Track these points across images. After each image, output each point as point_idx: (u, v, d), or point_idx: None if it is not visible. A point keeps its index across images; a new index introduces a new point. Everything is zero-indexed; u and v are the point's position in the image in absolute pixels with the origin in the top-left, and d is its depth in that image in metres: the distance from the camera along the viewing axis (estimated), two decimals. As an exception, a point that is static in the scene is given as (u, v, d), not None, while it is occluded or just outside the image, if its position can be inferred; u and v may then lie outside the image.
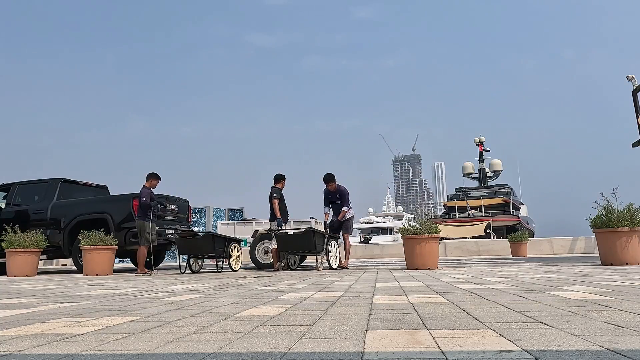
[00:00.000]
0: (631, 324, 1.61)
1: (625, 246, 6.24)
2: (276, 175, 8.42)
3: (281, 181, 8.38)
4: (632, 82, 13.39)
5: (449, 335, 1.50)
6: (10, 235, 7.93)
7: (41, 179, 9.84)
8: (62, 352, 1.40)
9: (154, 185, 8.23)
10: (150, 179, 8.23)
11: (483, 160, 48.07)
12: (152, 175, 8.29)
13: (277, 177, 8.40)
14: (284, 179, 8.45)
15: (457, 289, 3.15)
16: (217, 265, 7.95)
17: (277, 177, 8.40)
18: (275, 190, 8.21)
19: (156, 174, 8.35)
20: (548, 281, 3.67)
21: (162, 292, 3.69)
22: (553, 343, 1.33)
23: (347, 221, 8.33)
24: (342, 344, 1.40)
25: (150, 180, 8.22)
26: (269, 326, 1.77)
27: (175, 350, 1.38)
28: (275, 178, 8.39)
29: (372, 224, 72.43)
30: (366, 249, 18.84)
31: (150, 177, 8.25)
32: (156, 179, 8.30)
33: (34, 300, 3.22)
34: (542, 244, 16.98)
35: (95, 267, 7.52)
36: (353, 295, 2.95)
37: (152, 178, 8.26)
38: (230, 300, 2.86)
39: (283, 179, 8.42)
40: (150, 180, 8.22)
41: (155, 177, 8.30)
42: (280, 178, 8.40)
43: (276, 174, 8.44)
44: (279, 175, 8.43)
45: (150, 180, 8.22)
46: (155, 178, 8.29)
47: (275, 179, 8.39)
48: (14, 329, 1.86)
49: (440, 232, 7.02)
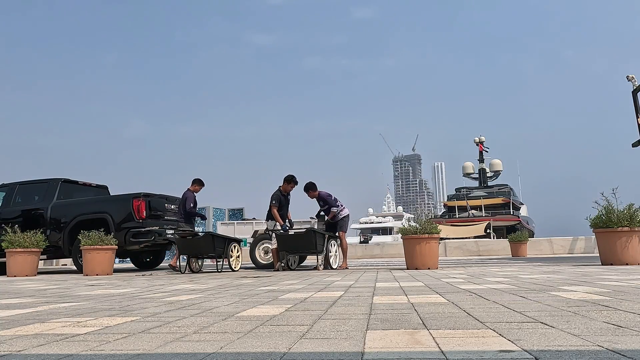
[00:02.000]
0: (631, 324, 1.61)
1: (625, 246, 6.24)
2: (286, 177, 8.00)
3: (287, 184, 7.96)
4: (632, 82, 13.40)
5: (449, 335, 1.50)
6: (10, 235, 7.94)
7: (41, 179, 9.83)
8: (62, 352, 1.40)
9: (197, 191, 8.45)
10: (194, 184, 8.49)
11: (483, 160, 48.08)
12: (197, 180, 8.58)
13: (285, 178, 7.98)
14: (291, 183, 7.98)
15: (457, 289, 3.15)
16: (217, 265, 7.95)
17: (285, 178, 7.99)
18: (275, 196, 7.85)
19: (200, 180, 8.63)
20: (548, 281, 3.67)
21: (162, 292, 3.69)
22: (553, 343, 1.33)
23: (341, 220, 8.27)
24: (342, 344, 1.40)
25: (195, 185, 8.48)
26: (269, 326, 1.77)
27: (175, 350, 1.38)
28: (284, 179, 7.97)
29: (372, 224, 72.46)
30: (366, 249, 18.84)
31: (195, 183, 8.54)
32: (200, 185, 8.56)
33: (34, 300, 3.22)
34: (542, 244, 16.98)
35: (95, 267, 7.52)
36: (353, 295, 2.95)
37: (197, 184, 8.54)
38: (230, 300, 2.86)
39: (289, 182, 7.96)
40: (194, 185, 8.48)
41: (199, 183, 8.59)
42: (287, 181, 7.95)
43: (287, 175, 8.01)
44: (288, 177, 7.98)
45: (195, 185, 8.48)
46: (199, 184, 8.58)
47: (284, 179, 7.98)
48: (14, 329, 1.86)
49: (440, 232, 7.01)
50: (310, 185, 8.05)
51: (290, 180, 7.98)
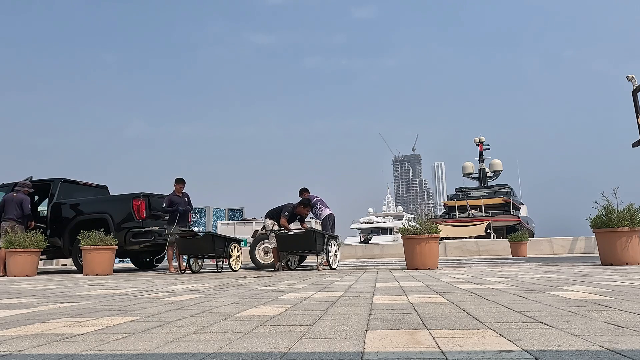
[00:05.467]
0: (631, 324, 1.61)
1: (625, 246, 6.24)
2: (303, 201, 8.18)
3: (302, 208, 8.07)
4: (632, 82, 13.39)
5: (449, 335, 1.50)
6: (10, 235, 7.93)
7: (41, 179, 9.83)
8: (62, 352, 1.40)
9: (178, 190, 8.53)
10: (175, 184, 8.62)
11: (483, 160, 48.12)
12: (175, 180, 8.64)
13: (303, 202, 8.13)
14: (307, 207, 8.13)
15: (457, 289, 3.15)
16: (217, 265, 7.95)
17: (302, 202, 8.14)
18: (289, 209, 7.95)
19: (177, 178, 8.69)
20: (548, 281, 3.67)
21: (162, 292, 3.69)
22: (553, 343, 1.33)
23: (323, 221, 8.47)
24: (342, 344, 1.40)
25: (175, 185, 8.61)
26: (269, 326, 1.77)
27: (175, 350, 1.39)
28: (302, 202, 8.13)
29: (372, 224, 72.39)
30: (366, 249, 18.84)
31: (175, 182, 8.63)
32: (177, 183, 8.62)
33: (34, 300, 3.22)
34: (542, 244, 16.98)
35: (95, 267, 7.52)
36: (353, 295, 2.95)
37: (175, 183, 8.62)
38: (230, 300, 2.86)
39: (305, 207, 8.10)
40: (175, 185, 8.61)
41: (176, 182, 8.64)
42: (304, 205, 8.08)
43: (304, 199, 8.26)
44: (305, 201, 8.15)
45: (175, 185, 8.61)
46: (176, 182, 8.64)
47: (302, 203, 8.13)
48: (14, 329, 1.86)
49: (440, 232, 7.01)
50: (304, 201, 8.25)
51: (307, 205, 8.14)
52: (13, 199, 8.67)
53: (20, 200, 8.70)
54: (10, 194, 8.76)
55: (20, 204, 8.67)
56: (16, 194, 8.74)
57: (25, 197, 8.85)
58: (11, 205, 8.62)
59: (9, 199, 8.69)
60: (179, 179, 8.66)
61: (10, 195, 8.74)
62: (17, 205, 8.63)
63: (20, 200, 8.71)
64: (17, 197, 8.70)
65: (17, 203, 8.64)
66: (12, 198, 8.69)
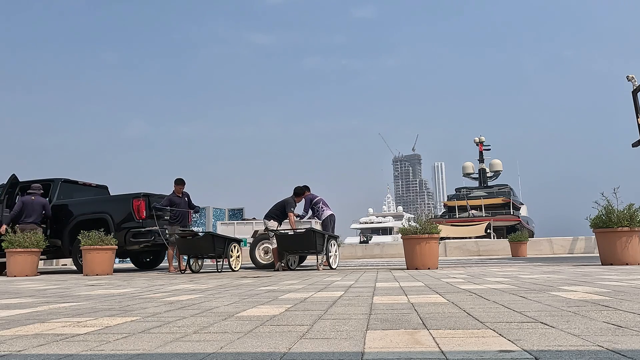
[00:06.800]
0: (631, 324, 1.61)
1: (625, 246, 6.24)
2: (298, 189, 8.32)
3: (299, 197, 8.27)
4: (632, 82, 13.39)
5: (449, 335, 1.50)
6: (10, 235, 7.93)
7: (41, 179, 9.83)
8: (62, 352, 1.40)
9: (177, 191, 8.54)
10: (174, 184, 8.63)
11: (483, 160, 48.11)
12: (175, 181, 8.65)
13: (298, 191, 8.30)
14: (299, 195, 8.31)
15: (457, 289, 3.15)
16: (217, 265, 7.95)
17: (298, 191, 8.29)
18: (292, 202, 8.12)
19: (177, 179, 8.68)
20: (548, 281, 3.67)
21: (162, 292, 3.69)
22: (553, 343, 1.33)
23: (324, 221, 8.58)
24: (342, 344, 1.40)
25: (175, 185, 8.62)
26: (269, 326, 1.77)
27: (175, 350, 1.39)
28: (296, 192, 8.28)
29: (372, 224, 72.37)
30: (366, 249, 18.84)
31: (174, 183, 8.64)
32: (176, 184, 8.62)
33: (34, 300, 3.22)
34: (542, 244, 16.98)
35: (95, 267, 7.52)
36: (353, 295, 2.95)
37: (175, 183, 8.63)
38: (230, 300, 2.86)
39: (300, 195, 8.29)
40: (175, 185, 8.62)
41: (176, 182, 8.64)
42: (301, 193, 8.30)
43: (299, 188, 8.35)
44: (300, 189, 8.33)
45: (175, 185, 8.62)
46: (176, 183, 8.63)
47: (296, 192, 8.28)
48: (14, 329, 1.86)
49: (440, 232, 7.01)
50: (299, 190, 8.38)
51: (300, 194, 8.33)
52: (33, 202, 8.73)
53: (42, 203, 8.84)
54: (29, 197, 8.80)
55: (42, 206, 8.81)
56: (34, 197, 8.80)
57: (46, 200, 8.99)
58: (31, 208, 8.69)
59: (28, 202, 8.74)
60: (179, 180, 8.65)
61: (28, 199, 8.78)
62: (38, 208, 8.72)
63: (42, 203, 8.85)
64: (37, 201, 8.78)
65: (39, 206, 8.75)
66: (32, 201, 8.74)
